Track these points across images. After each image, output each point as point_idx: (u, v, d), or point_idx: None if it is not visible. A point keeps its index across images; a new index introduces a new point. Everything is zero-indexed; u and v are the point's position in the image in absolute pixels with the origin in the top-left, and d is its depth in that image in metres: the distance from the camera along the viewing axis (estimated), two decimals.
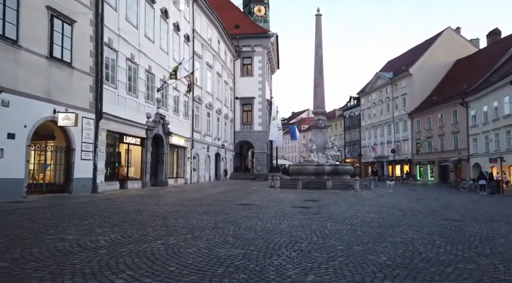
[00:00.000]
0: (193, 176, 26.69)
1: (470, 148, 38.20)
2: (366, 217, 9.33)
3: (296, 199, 14.76)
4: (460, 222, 9.13)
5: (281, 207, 11.22)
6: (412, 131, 50.19)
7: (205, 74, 29.60)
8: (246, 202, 12.74)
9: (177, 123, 23.48)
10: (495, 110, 33.74)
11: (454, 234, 7.17)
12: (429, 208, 12.48)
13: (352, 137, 70.49)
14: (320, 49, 24.06)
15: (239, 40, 39.49)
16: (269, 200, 13.90)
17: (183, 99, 24.62)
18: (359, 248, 5.53)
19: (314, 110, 24.10)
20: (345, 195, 17.54)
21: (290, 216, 9.03)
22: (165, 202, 11.83)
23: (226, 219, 8.22)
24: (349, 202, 13.71)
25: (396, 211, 11.09)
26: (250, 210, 10.23)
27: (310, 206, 11.74)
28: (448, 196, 19.17)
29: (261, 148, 40.49)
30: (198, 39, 27.86)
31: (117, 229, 6.39)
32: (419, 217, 9.88)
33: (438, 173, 44.65)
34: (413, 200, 15.62)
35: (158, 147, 20.78)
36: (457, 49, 49.68)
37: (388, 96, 56.37)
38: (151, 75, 19.50)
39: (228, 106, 38.03)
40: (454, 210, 12.11)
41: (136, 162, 18.58)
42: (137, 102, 17.89)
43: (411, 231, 7.41)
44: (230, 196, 15.11)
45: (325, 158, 22.88)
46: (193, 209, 9.94)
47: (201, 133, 28.66)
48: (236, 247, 5.23)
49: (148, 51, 19.03)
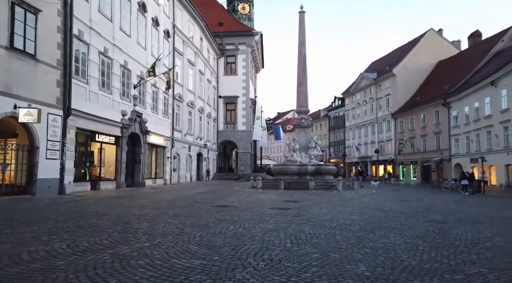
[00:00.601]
0: (173, 176, 25.85)
1: (452, 148, 38.56)
2: (346, 219, 8.84)
3: (277, 200, 14.23)
4: (443, 224, 8.74)
5: (259, 209, 10.65)
6: (396, 132, 50.50)
7: (186, 72, 28.78)
8: (223, 203, 12.12)
9: (155, 121, 22.63)
10: (476, 111, 34.09)
11: (438, 238, 6.73)
12: (411, 209, 12.13)
13: (337, 137, 70.65)
14: (303, 47, 23.62)
15: (222, 38, 38.77)
16: (248, 201, 13.32)
17: (162, 97, 23.78)
18: (336, 256, 4.98)
19: (297, 109, 23.64)
20: (327, 195, 17.11)
21: (267, 219, 8.46)
22: (135, 204, 11.09)
23: (197, 223, 7.58)
24: (331, 203, 13.25)
25: (378, 213, 10.67)
26: (226, 212, 9.61)
27: (290, 208, 11.21)
28: (431, 196, 18.99)
29: (245, 148, 39.88)
30: (179, 35, 27.04)
31: (67, 236, 5.67)
32: (402, 218, 9.47)
33: (420, 173, 44.99)
34: (396, 201, 15.30)
35: (135, 146, 19.92)
36: (440, 50, 50.28)
37: (372, 96, 56.63)
38: (127, 71, 18.63)
39: (211, 105, 37.27)
40: (437, 211, 11.78)
41: (110, 162, 17.68)
42: (111, 98, 17.00)
43: (393, 234, 6.94)
44: (208, 197, 14.46)
45: (308, 158, 22.45)
46: (163, 212, 9.25)
47: (182, 132, 27.85)
48: (197, 257, 4.60)
49: (123, 46, 18.17)
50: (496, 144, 30.29)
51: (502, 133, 29.54)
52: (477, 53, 41.78)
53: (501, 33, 40.60)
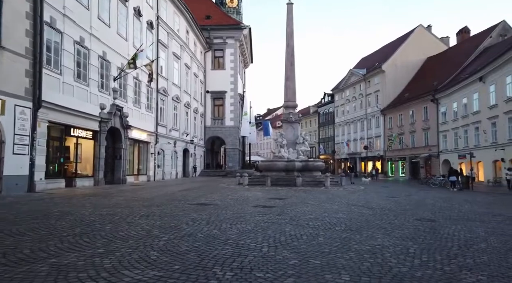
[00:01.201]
0: (157, 173, 25.04)
1: (440, 145, 38.52)
2: (332, 218, 8.30)
3: (262, 197, 13.66)
4: (434, 222, 8.27)
5: (241, 207, 10.04)
6: (384, 128, 50.38)
7: (171, 65, 27.88)
8: (204, 201, 11.47)
9: (138, 116, 21.78)
10: (464, 107, 34.01)
11: (429, 238, 6.22)
12: (400, 206, 11.68)
13: (326, 133, 70.42)
14: (291, 39, 22.97)
15: (210, 32, 37.87)
16: (232, 198, 12.71)
17: (145, 90, 22.90)
18: (317, 262, 4.40)
19: (285, 104, 23.04)
20: (314, 192, 16.61)
21: (247, 219, 7.85)
22: (108, 203, 10.36)
23: (168, 223, 6.93)
24: (317, 200, 12.73)
25: (366, 210, 10.16)
26: (204, 211, 8.97)
27: (274, 206, 10.64)
28: (419, 193, 18.65)
29: (233, 144, 39.18)
30: (163, 27, 26.11)
31: (10, 242, 4.95)
32: (390, 216, 8.98)
33: (409, 169, 44.98)
34: (384, 198, 14.86)
35: (115, 142, 19.08)
36: (428, 46, 50.21)
37: (362, 92, 56.42)
38: (106, 62, 17.72)
39: (198, 100, 36.42)
40: (427, 208, 11.35)
41: (88, 158, 16.82)
42: (88, 91, 16.10)
43: (381, 235, 6.40)
44: (190, 195, 13.78)
45: (296, 153, 21.91)
46: (135, 212, 8.56)
47: (166, 127, 27.00)
48: (154, 266, 3.96)
49: (102, 36, 17.25)
50: (484, 140, 30.23)
51: (490, 129, 29.47)
52: (466, 49, 41.77)
53: (489, 29, 40.63)
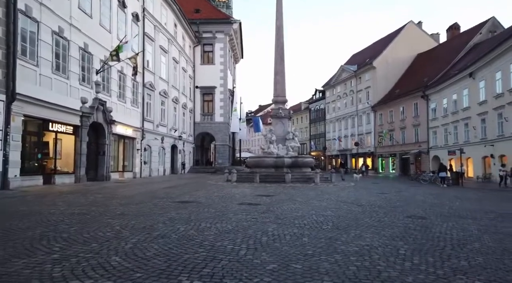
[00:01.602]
0: (144, 169, 24.43)
1: (430, 141, 38.55)
2: (319, 216, 7.90)
3: (249, 194, 13.24)
4: (425, 219, 7.93)
5: (226, 205, 9.59)
6: (375, 124, 50.34)
7: (158, 59, 27.18)
8: (188, 199, 10.98)
9: (123, 110, 21.11)
10: (454, 103, 34.00)
11: (421, 238, 5.85)
12: (390, 202, 11.36)
13: (318, 130, 70.26)
14: (280, 34, 22.48)
15: (199, 25, 37.14)
16: (218, 196, 12.25)
17: (130, 84, 22.21)
18: (298, 266, 3.97)
19: (274, 99, 22.57)
20: (304, 189, 16.25)
21: (229, 217, 7.40)
22: (84, 201, 9.81)
23: (142, 223, 6.43)
24: (306, 197, 12.36)
25: (355, 207, 9.80)
26: (184, 210, 8.49)
27: (260, 203, 10.21)
28: (410, 189, 18.43)
29: (223, 140, 38.64)
30: (149, 20, 25.39)
31: None
32: (380, 214, 8.62)
33: (399, 165, 45.02)
34: (374, 194, 14.56)
35: (98, 137, 18.43)
36: (419, 43, 50.22)
37: (352, 89, 56.28)
38: (87, 54, 17.02)
39: (187, 95, 35.76)
40: (417, 204, 11.04)
41: (69, 154, 16.15)
42: (67, 84, 15.41)
43: (369, 234, 6.01)
44: (174, 192, 13.27)
45: (286, 149, 21.51)
46: (110, 210, 8.05)
47: (153, 123, 26.34)
48: (112, 274, 3.47)
49: (83, 27, 16.53)
50: (474, 136, 30.24)
51: (480, 125, 29.47)
52: (456, 45, 41.77)
53: (479, 25, 40.67)
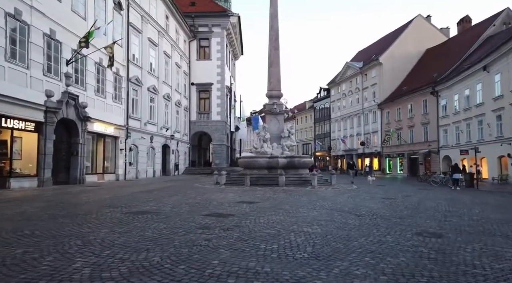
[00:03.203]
0: (129, 171, 22.61)
1: (440, 140, 36.31)
2: (299, 235, 5.95)
3: (230, 200, 11.33)
4: (441, 238, 5.94)
5: (187, 217, 7.68)
6: (382, 123, 48.18)
7: (146, 52, 25.37)
8: (149, 208, 9.09)
9: (102, 106, 19.33)
10: (466, 99, 31.74)
11: (437, 274, 3.88)
12: (396, 211, 9.36)
13: (322, 129, 68.22)
14: (275, 20, 20.48)
15: (194, 19, 35.32)
16: (189, 203, 10.36)
17: (112, 78, 20.41)
18: None
19: (268, 93, 20.58)
20: (297, 193, 14.28)
21: (172, 240, 5.46)
22: (8, 212, 7.98)
23: (29, 254, 4.54)
24: (295, 205, 10.41)
25: (352, 219, 7.83)
26: (128, 225, 6.61)
27: (234, 214, 8.28)
28: (419, 193, 16.33)
29: (220, 139, 36.76)
30: (135, 9, 23.59)
31: None
32: (381, 229, 6.65)
33: (407, 166, 42.81)
34: (378, 199, 12.53)
35: (71, 136, 16.66)
36: (428, 37, 47.95)
37: (358, 86, 54.15)
38: (55, 42, 15.21)
39: (182, 92, 33.94)
40: (429, 214, 9.02)
41: (31, 155, 14.35)
42: (27, 74, 13.61)
43: (362, 269, 4.05)
44: (141, 199, 11.40)
45: (281, 149, 19.53)
46: (17, 228, 6.18)
47: (141, 120, 24.53)
48: None
49: (49, 11, 14.73)
50: (488, 134, 27.93)
51: (495, 122, 27.16)
52: (467, 39, 39.46)
53: (492, 17, 38.27)
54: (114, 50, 16.72)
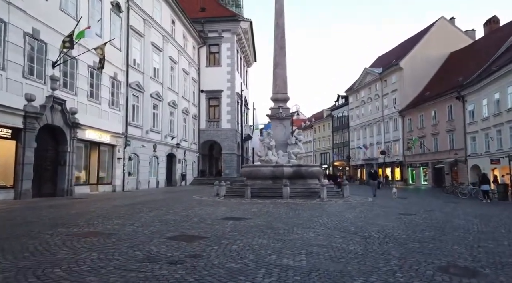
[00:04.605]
0: (128, 182, 21.32)
1: (468, 148, 33.49)
2: (273, 272, 4.24)
3: (218, 216, 9.77)
4: (475, 278, 4.07)
5: (144, 241, 6.13)
6: (403, 131, 45.55)
7: (149, 57, 24.36)
8: (111, 227, 7.61)
9: (96, 113, 18.22)
10: (496, 103, 29.07)
11: None
12: (414, 232, 7.46)
13: (341, 138, 65.79)
14: (280, 18, 18.95)
15: (204, 25, 34.37)
16: (165, 220, 8.81)
17: (108, 83, 19.34)
18: None
19: (273, 96, 18.93)
20: (301, 207, 12.48)
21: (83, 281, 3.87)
22: None
23: None
24: (291, 223, 8.68)
25: (355, 243, 6.02)
26: (54, 254, 5.08)
27: (206, 236, 6.66)
28: (445, 207, 14.15)
29: (230, 148, 35.28)
30: (136, 12, 22.65)
31: None
32: (392, 260, 4.87)
33: (432, 176, 39.93)
34: (394, 215, 10.57)
35: (58, 144, 15.53)
36: (452, 40, 45.33)
37: (378, 93, 51.79)
38: (38, 42, 14.20)
39: (190, 99, 32.80)
40: (457, 236, 7.07)
41: (7, 164, 13.15)
42: (2, 76, 12.53)
43: None
44: (116, 214, 9.96)
45: (287, 157, 17.78)
46: None
47: (142, 128, 23.35)
48: None
49: (31, 8, 13.70)
50: None
51: None
52: (496, 40, 36.73)
53: None
54: (105, 51, 15.61)
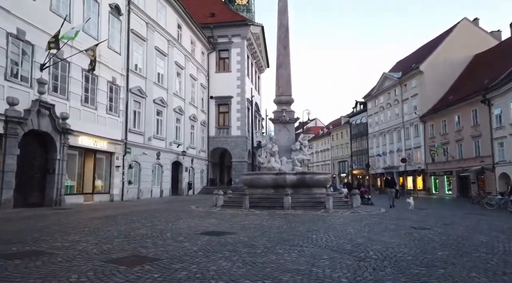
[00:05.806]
0: (128, 191, 20.44)
1: (495, 155, 31.00)
2: None
3: (198, 230, 8.66)
4: None
5: (81, 262, 4.98)
6: (425, 137, 43.16)
7: (152, 62, 23.67)
8: (60, 245, 6.54)
9: (91, 118, 17.49)
10: None
11: None
12: (425, 251, 6.01)
13: (360, 146, 63.56)
14: (284, 16, 17.80)
15: (213, 30, 33.69)
16: (132, 235, 7.69)
17: (105, 88, 18.64)
18: None
19: (276, 98, 17.63)
20: (300, 219, 11.13)
21: None
22: None
23: None
24: (278, 239, 7.40)
25: (343, 268, 4.67)
26: None
27: (159, 258, 5.47)
28: (467, 219, 12.40)
29: (240, 156, 34.12)
30: (138, 15, 22.04)
31: None
32: None
33: (457, 185, 37.33)
34: (405, 229, 9.05)
35: (48, 151, 14.81)
36: (476, 42, 42.92)
37: (397, 98, 49.61)
38: (24, 43, 13.58)
39: (198, 106, 31.99)
40: (477, 257, 5.58)
41: None
42: None
43: None
44: (83, 227, 8.94)
45: (291, 164, 16.42)
46: None
47: (144, 135, 22.54)
48: None
49: (16, 7, 13.00)
50: None
51: None
52: None
53: None
54: (96, 53, 14.92)
